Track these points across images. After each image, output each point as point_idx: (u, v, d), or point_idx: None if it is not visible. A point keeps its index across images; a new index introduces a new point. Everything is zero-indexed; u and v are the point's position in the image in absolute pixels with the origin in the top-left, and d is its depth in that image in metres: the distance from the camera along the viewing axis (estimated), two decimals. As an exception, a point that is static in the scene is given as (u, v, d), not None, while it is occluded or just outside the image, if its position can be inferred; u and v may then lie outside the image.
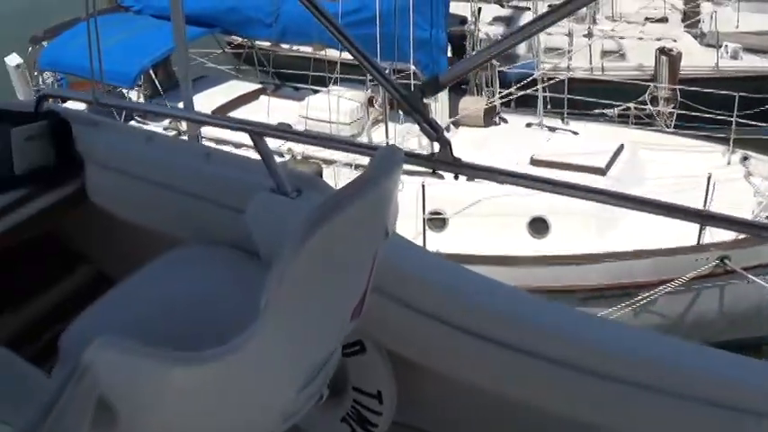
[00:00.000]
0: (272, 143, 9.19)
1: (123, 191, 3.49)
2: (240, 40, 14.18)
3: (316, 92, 11.30)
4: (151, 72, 12.66)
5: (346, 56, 11.49)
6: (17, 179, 3.59)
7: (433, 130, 2.47)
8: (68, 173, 3.66)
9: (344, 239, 2.09)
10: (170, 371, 1.83)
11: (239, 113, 11.64)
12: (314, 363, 2.22)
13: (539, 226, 9.40)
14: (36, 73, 13.45)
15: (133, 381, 1.88)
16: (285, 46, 14.15)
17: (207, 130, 11.43)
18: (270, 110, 10.98)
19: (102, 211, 3.61)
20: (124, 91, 12.15)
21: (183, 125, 11.70)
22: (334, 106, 10.65)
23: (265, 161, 2.80)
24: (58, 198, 3.64)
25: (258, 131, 2.82)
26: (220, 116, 3.22)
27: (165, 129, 11.75)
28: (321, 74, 11.64)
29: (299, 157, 10.25)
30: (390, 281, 2.58)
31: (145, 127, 11.04)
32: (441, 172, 9.62)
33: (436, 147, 2.51)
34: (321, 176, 8.33)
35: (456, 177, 2.75)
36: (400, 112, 10.41)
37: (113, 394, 1.90)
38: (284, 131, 2.91)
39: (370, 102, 10.87)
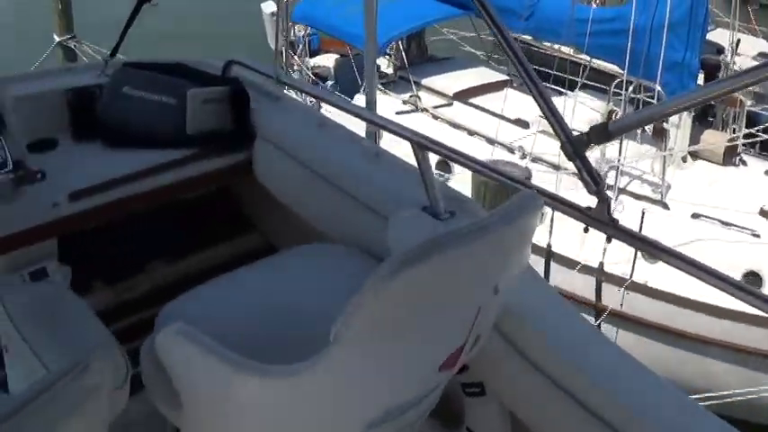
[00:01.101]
0: (507, 137, 9.17)
1: (284, 172, 3.51)
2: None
3: (560, 93, 11.11)
4: (401, 43, 12.84)
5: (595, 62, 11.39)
6: (187, 138, 3.68)
7: (593, 183, 2.26)
8: (239, 143, 3.71)
9: (440, 286, 1.91)
10: (231, 375, 1.85)
11: (480, 101, 11.70)
12: (386, 406, 2.04)
13: (752, 280, 8.85)
14: (289, 24, 13.89)
15: (196, 373, 1.95)
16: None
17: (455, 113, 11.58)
18: (509, 103, 10.93)
19: (263, 186, 3.67)
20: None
21: (422, 102, 11.93)
22: (576, 112, 10.48)
23: (423, 176, 2.76)
24: (226, 165, 3.70)
25: (423, 144, 2.76)
26: (390, 121, 3.12)
27: (405, 102, 11.98)
28: (564, 75, 11.49)
29: (526, 159, 10.18)
30: (512, 326, 2.41)
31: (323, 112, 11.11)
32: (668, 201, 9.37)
33: (593, 201, 2.30)
34: (530, 179, 8.25)
35: (609, 240, 2.56)
36: (638, 132, 10.14)
37: (179, 382, 2.02)
38: (447, 149, 2.77)
39: (610, 115, 10.62)
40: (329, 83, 13.46)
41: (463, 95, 11.89)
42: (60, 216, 3.29)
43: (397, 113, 11.90)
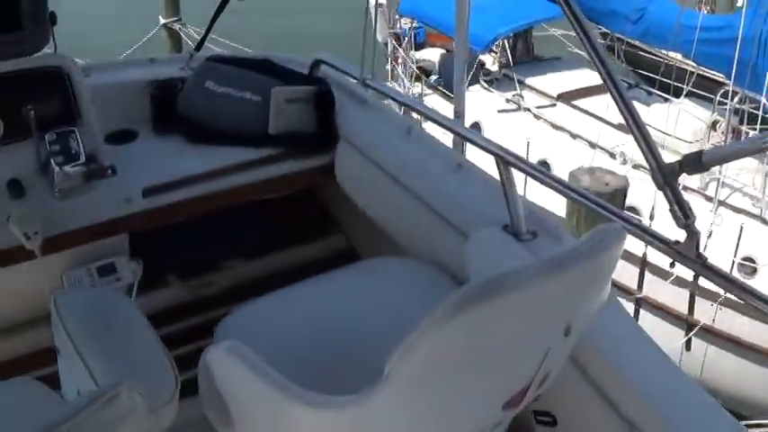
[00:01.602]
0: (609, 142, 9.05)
1: (365, 178, 3.40)
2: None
3: (665, 99, 11.04)
4: (506, 41, 12.92)
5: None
6: (269, 137, 3.57)
7: (683, 216, 2.12)
8: (322, 145, 3.59)
9: (505, 328, 1.77)
10: (278, 400, 1.81)
11: (584, 103, 11.70)
12: None
13: None
14: (396, 16, 14.03)
15: (245, 394, 1.93)
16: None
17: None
18: (613, 107, 10.87)
19: (343, 190, 3.56)
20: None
21: (525, 102, 11.97)
22: (679, 119, 10.40)
23: (506, 193, 2.63)
24: (308, 167, 3.59)
25: (507, 160, 2.63)
26: (476, 134, 2.94)
27: (508, 100, 12.05)
28: (670, 82, 11.44)
29: (627, 165, 10.10)
30: (588, 357, 2.25)
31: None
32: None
33: (681, 234, 2.16)
34: (626, 191, 8.25)
35: (696, 278, 2.36)
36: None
37: (228, 399, 1.99)
38: (532, 166, 2.66)
39: (713, 126, 10.51)
40: (433, 77, 13.61)
41: (567, 97, 11.92)
42: (133, 212, 3.24)
43: (500, 111, 12.03)
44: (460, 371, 1.75)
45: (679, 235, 2.18)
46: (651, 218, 8.58)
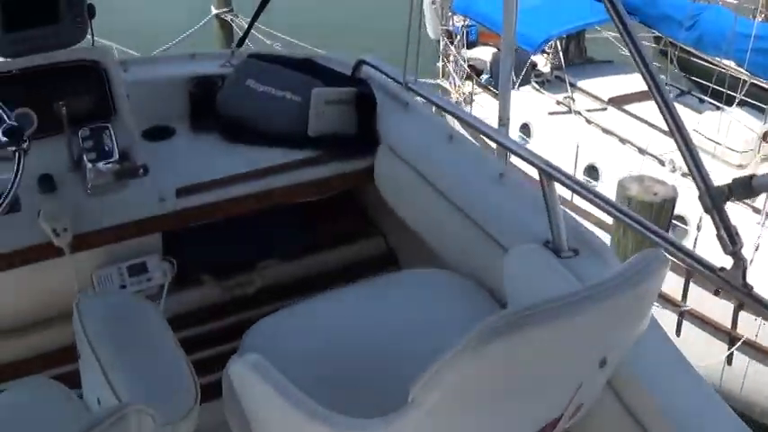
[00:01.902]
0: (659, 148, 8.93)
1: (405, 184, 3.30)
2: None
3: (717, 108, 10.98)
4: (558, 42, 12.94)
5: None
6: (308, 139, 3.48)
7: (730, 242, 2.02)
8: (362, 149, 3.49)
9: (536, 359, 1.70)
10: (297, 419, 1.81)
11: (635, 108, 11.65)
12: None
13: None
14: (449, 13, 14.07)
15: (265, 409, 1.93)
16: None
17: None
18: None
19: (382, 196, 3.48)
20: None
21: (576, 104, 11.98)
22: (731, 128, 10.36)
23: (548, 207, 2.54)
24: (347, 170, 3.49)
25: (551, 173, 2.54)
26: (519, 145, 2.73)
27: (558, 103, 12.09)
28: (722, 90, 11.28)
29: (676, 173, 10.08)
30: (626, 384, 2.19)
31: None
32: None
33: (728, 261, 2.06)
34: (674, 202, 8.22)
35: (740, 307, 2.18)
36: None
37: (249, 412, 2.00)
38: (575, 182, 2.55)
39: (765, 136, 10.47)
40: (484, 76, 13.65)
41: (618, 101, 11.89)
42: (165, 212, 3.18)
43: (550, 114, 12.04)
44: (491, 400, 1.70)
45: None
46: (698, 228, 8.57)
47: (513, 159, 3.01)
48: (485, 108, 12.25)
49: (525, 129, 11.92)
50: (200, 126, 3.65)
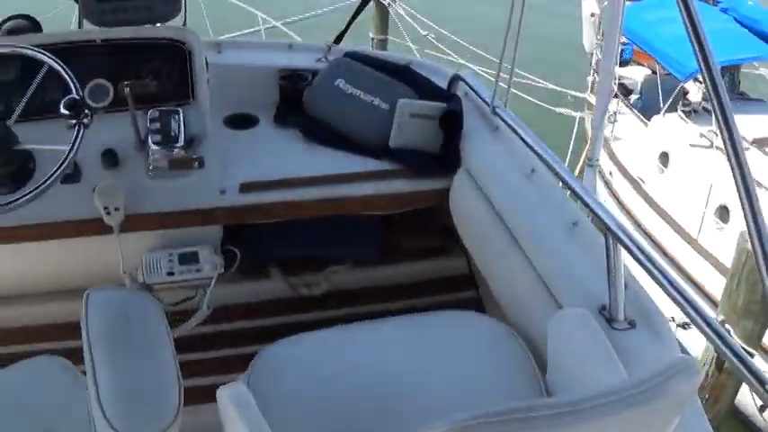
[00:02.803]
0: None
1: (477, 214, 3.14)
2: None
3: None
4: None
5: None
6: (388, 150, 3.36)
7: None
8: (441, 169, 3.35)
9: None
10: None
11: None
12: None
13: None
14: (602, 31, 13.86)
15: None
16: None
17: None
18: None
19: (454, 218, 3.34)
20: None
21: (718, 139, 11.71)
22: None
23: (610, 272, 2.39)
24: (423, 189, 3.36)
25: (618, 236, 2.38)
26: (595, 200, 2.59)
27: (701, 135, 11.83)
28: None
29: None
30: None
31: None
32: None
33: None
34: None
35: None
36: None
37: None
38: (642, 252, 2.33)
39: None
40: (633, 96, 13.48)
41: (763, 143, 11.56)
42: (224, 205, 3.11)
43: (691, 145, 11.79)
44: None
45: None
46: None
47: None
48: (626, 130, 12.17)
49: (664, 157, 11.74)
50: (283, 120, 3.60)
